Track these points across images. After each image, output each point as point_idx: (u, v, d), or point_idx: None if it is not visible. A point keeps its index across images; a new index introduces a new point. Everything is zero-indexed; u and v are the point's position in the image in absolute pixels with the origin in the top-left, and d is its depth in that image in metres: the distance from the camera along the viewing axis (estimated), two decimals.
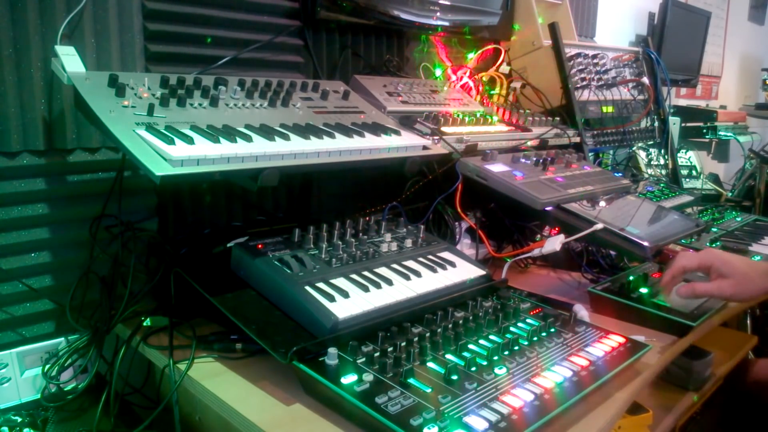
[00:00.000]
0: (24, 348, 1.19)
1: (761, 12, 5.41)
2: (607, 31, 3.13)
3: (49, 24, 1.18)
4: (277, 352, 0.92)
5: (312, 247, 1.17)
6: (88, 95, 1.06)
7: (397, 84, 1.70)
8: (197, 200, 1.44)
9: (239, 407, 0.91)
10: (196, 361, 1.04)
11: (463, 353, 0.96)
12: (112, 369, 1.12)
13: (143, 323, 1.16)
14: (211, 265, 1.16)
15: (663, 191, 2.04)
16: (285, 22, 1.57)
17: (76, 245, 1.27)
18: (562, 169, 1.65)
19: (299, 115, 1.31)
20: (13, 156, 1.17)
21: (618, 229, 1.36)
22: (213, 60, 1.41)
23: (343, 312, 0.99)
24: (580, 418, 0.90)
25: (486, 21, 2.00)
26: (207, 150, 0.99)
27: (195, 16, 1.40)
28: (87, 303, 1.24)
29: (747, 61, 5.26)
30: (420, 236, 1.32)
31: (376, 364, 0.90)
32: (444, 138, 1.46)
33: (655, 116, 2.41)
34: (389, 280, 1.12)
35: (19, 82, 1.16)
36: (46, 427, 1.09)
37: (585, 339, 1.07)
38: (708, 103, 4.44)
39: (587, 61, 2.16)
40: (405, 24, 1.78)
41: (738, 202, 2.88)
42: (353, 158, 1.21)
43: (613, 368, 0.99)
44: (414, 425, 0.77)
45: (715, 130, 3.40)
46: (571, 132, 1.90)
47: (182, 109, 1.14)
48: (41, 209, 1.22)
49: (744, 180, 3.14)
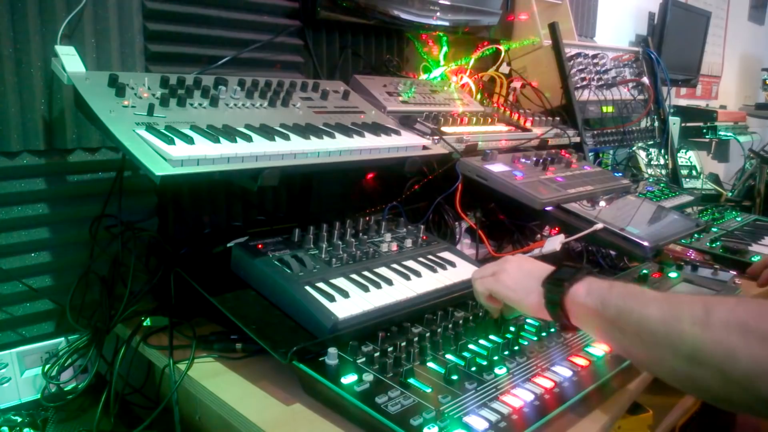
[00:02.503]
0: (24, 348, 1.19)
1: (761, 12, 5.41)
2: (607, 31, 3.13)
3: (49, 24, 1.18)
4: (277, 352, 0.92)
5: (312, 247, 1.17)
6: (88, 95, 1.06)
7: (397, 84, 1.70)
8: (197, 200, 1.44)
9: (239, 407, 0.91)
10: (196, 361, 1.04)
11: (463, 353, 0.96)
12: (112, 369, 1.11)
13: (143, 323, 1.16)
14: (211, 265, 1.16)
15: (663, 191, 2.04)
16: (285, 21, 1.57)
17: (76, 245, 1.27)
18: (562, 169, 1.65)
19: (299, 115, 1.31)
20: (13, 156, 1.17)
21: (618, 229, 1.36)
22: (213, 60, 1.41)
23: (343, 312, 0.99)
24: (580, 418, 0.90)
25: (486, 21, 2.00)
26: (207, 150, 0.99)
27: (195, 16, 1.40)
28: (87, 303, 1.24)
29: (747, 61, 5.26)
30: (420, 236, 1.32)
31: (376, 364, 0.90)
32: (444, 138, 1.46)
33: (655, 116, 2.41)
34: (389, 280, 1.12)
35: (19, 82, 1.16)
36: (46, 427, 1.09)
37: (585, 339, 1.07)
38: (708, 103, 4.44)
39: (587, 61, 2.16)
40: (405, 24, 1.78)
41: (738, 202, 2.88)
42: (353, 158, 1.21)
43: (613, 368, 0.99)
44: (414, 425, 0.77)
45: (715, 130, 3.40)
46: (571, 132, 1.91)
47: (182, 109, 1.14)
48: (41, 209, 1.22)
49: (744, 180, 3.14)
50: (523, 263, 0.99)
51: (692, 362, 0.67)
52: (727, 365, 0.64)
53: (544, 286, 0.90)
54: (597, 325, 0.82)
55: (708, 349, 0.66)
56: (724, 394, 0.66)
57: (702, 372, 0.66)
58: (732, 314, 0.66)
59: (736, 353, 0.63)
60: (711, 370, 0.65)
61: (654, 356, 0.74)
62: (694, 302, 0.71)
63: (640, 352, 0.76)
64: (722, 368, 0.64)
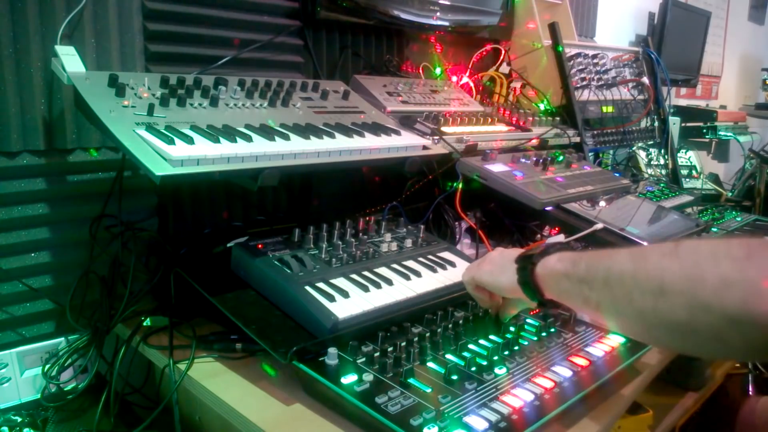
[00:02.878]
0: (24, 348, 1.19)
1: (761, 12, 5.41)
2: (607, 31, 3.13)
3: (49, 24, 1.18)
4: (277, 352, 0.92)
5: (312, 247, 1.17)
6: (88, 95, 1.06)
7: (397, 84, 1.70)
8: (197, 200, 1.44)
9: (239, 407, 0.91)
10: (196, 361, 1.04)
11: (463, 353, 0.96)
12: (112, 369, 1.11)
13: (143, 323, 1.16)
14: (211, 265, 1.16)
15: (663, 191, 2.04)
16: (285, 22, 1.57)
17: (76, 245, 1.27)
18: (562, 169, 1.65)
19: (299, 115, 1.31)
20: (13, 156, 1.17)
21: (618, 229, 1.36)
22: (213, 60, 1.41)
23: (343, 312, 0.99)
24: (580, 418, 0.90)
25: (486, 21, 2.00)
26: (207, 150, 0.99)
27: (195, 16, 1.40)
28: (87, 303, 1.24)
29: (747, 61, 5.26)
30: (420, 236, 1.32)
31: (376, 364, 0.90)
32: (444, 138, 1.46)
33: (655, 116, 2.41)
34: (389, 280, 1.12)
35: (19, 82, 1.16)
36: (46, 427, 1.09)
37: (585, 339, 1.07)
38: (708, 103, 4.44)
39: (587, 61, 2.16)
40: (405, 24, 1.78)
41: (738, 202, 2.87)
42: (353, 158, 1.21)
43: (613, 368, 0.99)
44: (414, 425, 0.77)
45: (715, 130, 3.40)
46: (571, 132, 1.91)
47: (182, 109, 1.14)
48: (41, 209, 1.22)
49: (744, 180, 3.13)
50: (506, 251, 0.99)
51: (659, 294, 0.66)
52: (697, 286, 0.63)
53: (517, 262, 0.90)
54: (567, 288, 0.81)
55: (676, 274, 0.65)
56: (689, 320, 0.64)
57: (669, 302, 0.65)
58: (700, 243, 0.67)
59: (704, 272, 0.63)
60: (678, 297, 0.64)
61: (620, 301, 0.72)
62: (663, 243, 0.71)
63: (606, 302, 0.74)
64: (690, 291, 0.63)
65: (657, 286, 0.66)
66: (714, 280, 0.62)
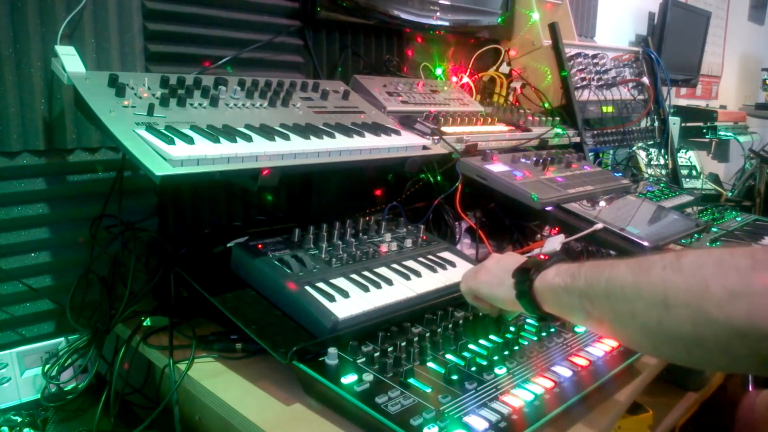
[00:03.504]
0: (24, 348, 1.19)
1: (761, 12, 5.41)
2: (607, 31, 3.13)
3: (49, 24, 1.18)
4: (277, 352, 0.92)
5: (312, 247, 1.17)
6: (88, 95, 1.06)
7: (397, 84, 1.70)
8: (197, 200, 1.44)
9: (239, 407, 0.91)
10: (196, 361, 1.04)
11: (463, 353, 0.96)
12: (112, 369, 1.11)
13: (143, 323, 1.16)
14: (211, 265, 1.16)
15: (663, 191, 2.04)
16: (285, 22, 1.57)
17: (76, 245, 1.27)
18: (561, 169, 1.65)
19: (299, 115, 1.31)
20: (13, 156, 1.17)
21: (618, 229, 1.36)
22: (213, 60, 1.41)
23: (343, 312, 0.99)
24: (580, 418, 0.90)
25: (486, 21, 2.01)
26: (207, 150, 0.99)
27: (195, 16, 1.40)
28: (87, 303, 1.24)
29: (747, 61, 5.26)
30: (420, 236, 1.32)
31: (376, 364, 0.90)
32: (444, 138, 1.46)
33: (655, 116, 2.41)
34: (389, 280, 1.12)
35: (19, 82, 1.16)
36: (46, 427, 1.09)
37: (585, 339, 1.07)
38: (708, 103, 4.44)
39: (587, 61, 2.16)
40: (405, 24, 1.78)
41: (738, 202, 2.87)
42: (353, 158, 1.21)
43: (613, 368, 0.99)
44: (414, 425, 0.77)
45: (715, 130, 3.40)
46: (571, 132, 1.90)
47: (182, 109, 1.14)
48: (41, 209, 1.22)
49: (744, 180, 3.14)
50: (503, 258, 0.98)
51: (663, 307, 0.65)
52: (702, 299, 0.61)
53: (514, 276, 0.89)
54: (567, 302, 0.80)
55: (680, 287, 0.64)
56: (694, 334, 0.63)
57: (673, 315, 0.64)
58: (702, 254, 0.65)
59: (708, 285, 0.61)
60: (682, 310, 0.63)
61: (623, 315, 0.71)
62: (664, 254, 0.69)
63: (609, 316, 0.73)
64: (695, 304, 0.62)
65: (660, 299, 0.65)
66: (719, 293, 0.60)
